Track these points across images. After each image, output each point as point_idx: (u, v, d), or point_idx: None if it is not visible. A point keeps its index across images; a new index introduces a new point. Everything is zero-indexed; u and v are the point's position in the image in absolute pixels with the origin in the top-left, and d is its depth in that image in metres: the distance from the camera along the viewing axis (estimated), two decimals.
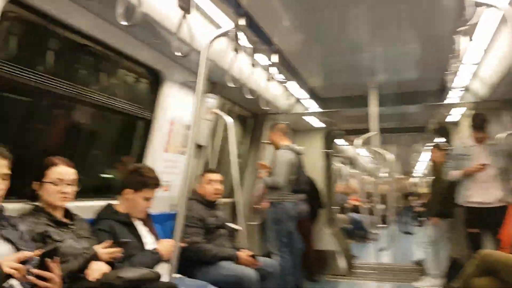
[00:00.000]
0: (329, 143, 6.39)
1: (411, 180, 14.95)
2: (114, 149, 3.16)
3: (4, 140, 1.84)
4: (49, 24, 2.16)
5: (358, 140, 3.86)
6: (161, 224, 3.05)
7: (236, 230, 3.57)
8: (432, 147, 5.37)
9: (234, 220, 4.15)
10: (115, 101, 2.80)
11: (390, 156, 3.80)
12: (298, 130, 6.16)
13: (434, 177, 5.36)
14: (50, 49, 2.35)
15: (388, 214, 13.00)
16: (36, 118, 2.41)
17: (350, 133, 6.55)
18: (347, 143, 8.19)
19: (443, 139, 5.97)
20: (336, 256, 5.93)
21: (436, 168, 5.20)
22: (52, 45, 2.35)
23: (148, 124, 3.02)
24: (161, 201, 3.15)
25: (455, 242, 5.30)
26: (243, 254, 3.10)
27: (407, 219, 12.23)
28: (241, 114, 4.75)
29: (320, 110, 4.94)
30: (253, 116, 4.95)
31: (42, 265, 1.44)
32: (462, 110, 4.79)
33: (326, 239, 5.96)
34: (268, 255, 4.11)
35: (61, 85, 2.34)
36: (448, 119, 5.32)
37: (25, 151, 2.31)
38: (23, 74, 2.09)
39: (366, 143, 6.98)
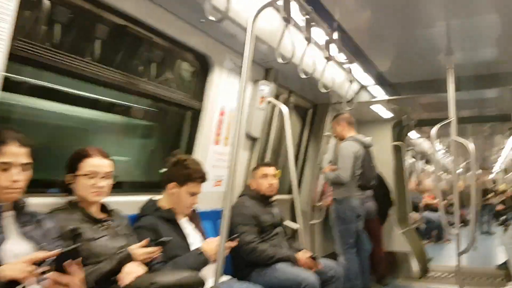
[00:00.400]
0: (399, 135, 5.83)
1: (490, 176, 13.56)
2: (167, 142, 3.00)
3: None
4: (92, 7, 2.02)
5: (434, 129, 3.35)
6: (213, 221, 2.84)
7: (296, 229, 3.27)
8: None
9: (292, 219, 3.86)
10: (164, 90, 2.63)
11: (471, 146, 3.25)
12: (364, 121, 5.68)
13: None
14: (94, 35, 2.21)
15: (466, 212, 11.93)
16: None
17: (423, 124, 5.92)
18: (420, 135, 7.50)
19: None
20: (409, 258, 5.39)
21: None
22: (96, 30, 2.21)
23: (197, 114, 2.82)
24: (212, 197, 2.95)
25: None
26: (303, 255, 2.79)
27: (486, 218, 11.05)
28: (299, 104, 4.42)
29: (389, 97, 4.44)
30: (312, 107, 4.60)
31: (60, 268, 1.25)
32: None
33: (397, 239, 5.44)
34: (331, 256, 3.76)
35: (109, 74, 2.21)
36: None
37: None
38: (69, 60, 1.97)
39: (441, 134, 6.34)
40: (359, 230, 4.00)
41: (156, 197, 2.33)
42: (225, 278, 2.37)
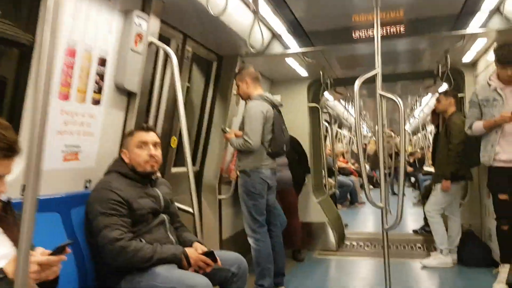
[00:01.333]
0: (315, 96, 5.30)
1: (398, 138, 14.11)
2: None
3: None
4: None
5: (358, 82, 2.75)
6: (63, 213, 1.97)
7: (192, 214, 2.52)
8: (439, 95, 4.33)
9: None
10: None
11: (401, 101, 2.72)
12: (278, 80, 5.04)
13: (440, 132, 4.37)
14: None
15: (377, 175, 12.16)
16: None
17: (340, 83, 5.44)
18: (334, 98, 7.11)
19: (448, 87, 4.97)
20: (326, 229, 4.99)
21: (446, 121, 4.19)
22: None
23: (27, 53, 1.86)
24: (62, 177, 2.06)
25: (469, 210, 4.43)
26: (193, 253, 2.06)
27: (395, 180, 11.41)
28: (200, 54, 3.59)
29: (303, 49, 3.79)
30: (217, 59, 3.79)
31: None
32: (483, 42, 3.70)
33: (314, 209, 5.00)
34: (242, 234, 3.12)
35: None
36: (465, 58, 4.25)
37: None
38: None
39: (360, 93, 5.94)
40: (271, 204, 3.39)
41: None
42: None
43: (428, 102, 7.90)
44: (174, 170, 3.37)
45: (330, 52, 4.01)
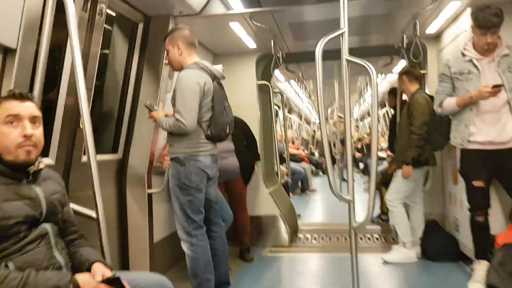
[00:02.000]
0: (265, 73, 4.70)
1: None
2: None
3: None
4: None
5: (320, 44, 2.15)
6: None
7: (95, 219, 1.81)
8: (402, 73, 3.89)
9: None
10: None
11: (372, 68, 2.17)
12: (222, 53, 4.37)
13: (401, 114, 3.95)
14: None
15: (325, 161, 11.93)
16: None
17: (293, 59, 4.88)
18: (285, 78, 6.56)
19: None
20: (277, 222, 4.45)
21: (408, 101, 3.76)
22: None
23: None
24: None
25: (431, 198, 4.07)
26: (88, 280, 1.38)
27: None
28: (121, 13, 2.84)
29: (252, 10, 3.15)
30: (144, 20, 3.06)
31: None
32: (456, 6, 3.26)
33: (264, 201, 4.43)
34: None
35: None
36: (429, 29, 3.82)
37: None
38: None
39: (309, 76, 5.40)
40: (212, 199, 2.77)
41: None
42: None
43: (381, 82, 7.57)
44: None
45: (282, 15, 3.39)
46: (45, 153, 2.16)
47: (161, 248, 3.27)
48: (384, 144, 10.51)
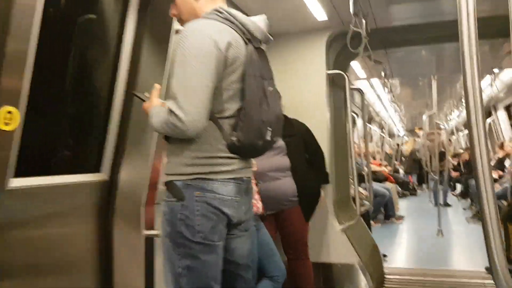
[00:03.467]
0: (340, 58, 3.38)
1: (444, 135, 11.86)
2: None
3: None
4: None
5: None
6: None
7: None
8: None
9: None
10: None
11: None
12: (274, 28, 3.14)
13: None
14: None
15: (413, 180, 9.96)
16: None
17: (379, 44, 3.49)
18: (366, 73, 5.13)
19: None
20: (355, 272, 3.07)
21: None
22: None
23: None
24: None
25: None
26: None
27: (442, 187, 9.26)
28: None
29: None
30: None
31: None
32: None
33: (335, 242, 3.08)
34: None
35: None
36: None
37: None
38: None
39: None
40: (239, 261, 1.53)
41: None
42: None
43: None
44: (21, 183, 1.55)
45: None
46: None
47: None
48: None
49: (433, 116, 6.86)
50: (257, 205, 2.25)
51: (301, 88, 3.06)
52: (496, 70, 5.30)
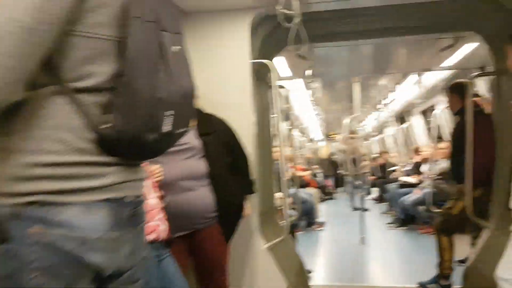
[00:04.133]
0: (266, 48, 2.90)
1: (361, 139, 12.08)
2: None
3: None
4: None
5: None
6: None
7: None
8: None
9: None
10: None
11: None
12: (193, 9, 2.56)
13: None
14: None
15: (332, 184, 9.90)
16: None
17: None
18: (292, 72, 4.76)
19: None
20: None
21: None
22: None
23: None
24: None
25: None
26: None
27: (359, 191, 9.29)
28: None
29: None
30: None
31: None
32: None
33: (258, 264, 2.57)
34: None
35: None
36: None
37: None
38: None
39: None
40: None
41: None
42: None
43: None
44: None
45: None
46: None
47: None
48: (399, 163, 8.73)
49: (354, 119, 6.76)
50: (159, 229, 1.64)
51: (221, 79, 2.53)
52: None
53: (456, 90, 3.07)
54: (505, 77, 2.68)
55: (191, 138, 2.14)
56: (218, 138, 2.20)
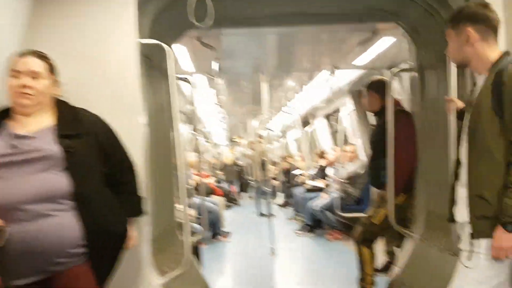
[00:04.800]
0: (160, 28, 2.31)
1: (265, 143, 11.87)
2: None
3: None
4: None
5: None
6: None
7: None
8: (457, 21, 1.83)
9: None
10: None
11: None
12: None
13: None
14: None
15: (236, 189, 9.47)
16: None
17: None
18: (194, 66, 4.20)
19: None
20: None
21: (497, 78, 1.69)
22: None
23: None
24: None
25: None
26: None
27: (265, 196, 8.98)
28: None
29: None
30: None
31: None
32: None
33: None
34: None
35: None
36: None
37: None
38: None
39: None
40: None
41: None
42: None
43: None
44: None
45: None
46: None
47: None
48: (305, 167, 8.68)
49: (262, 122, 6.43)
50: None
51: (96, 62, 1.88)
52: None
53: (376, 88, 2.80)
54: (427, 72, 2.46)
55: (46, 143, 1.48)
56: (89, 142, 1.57)
